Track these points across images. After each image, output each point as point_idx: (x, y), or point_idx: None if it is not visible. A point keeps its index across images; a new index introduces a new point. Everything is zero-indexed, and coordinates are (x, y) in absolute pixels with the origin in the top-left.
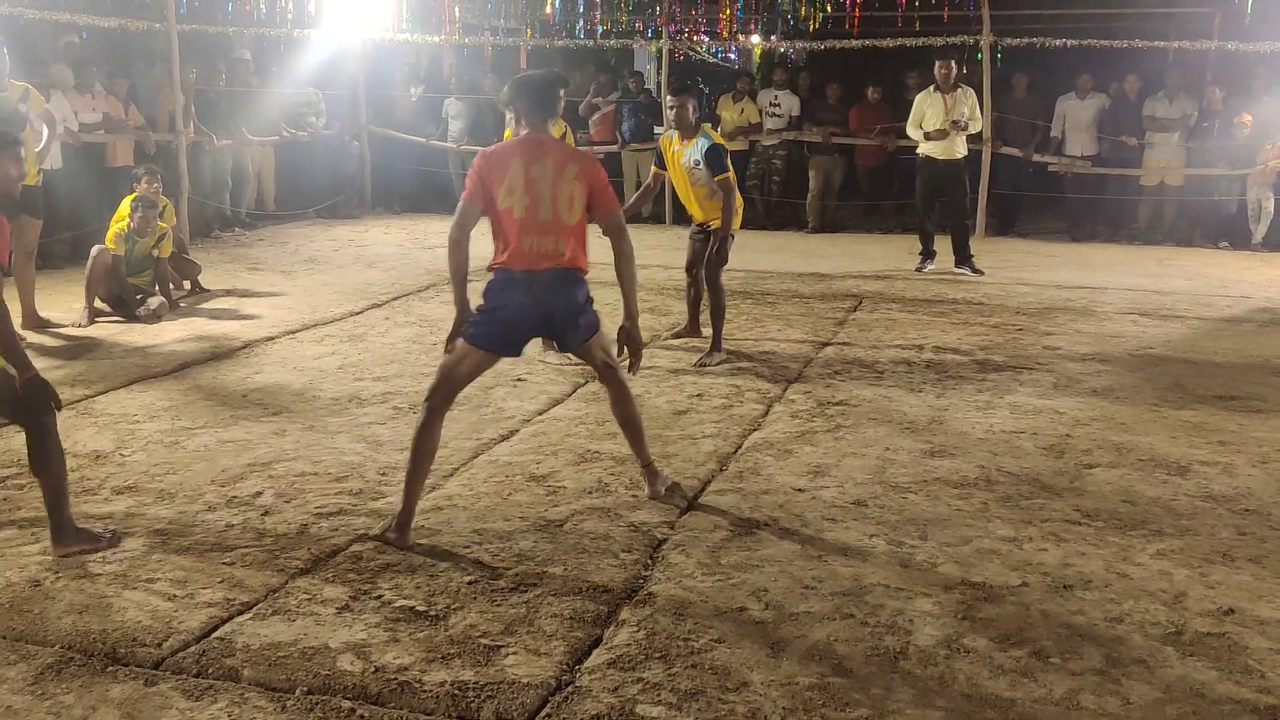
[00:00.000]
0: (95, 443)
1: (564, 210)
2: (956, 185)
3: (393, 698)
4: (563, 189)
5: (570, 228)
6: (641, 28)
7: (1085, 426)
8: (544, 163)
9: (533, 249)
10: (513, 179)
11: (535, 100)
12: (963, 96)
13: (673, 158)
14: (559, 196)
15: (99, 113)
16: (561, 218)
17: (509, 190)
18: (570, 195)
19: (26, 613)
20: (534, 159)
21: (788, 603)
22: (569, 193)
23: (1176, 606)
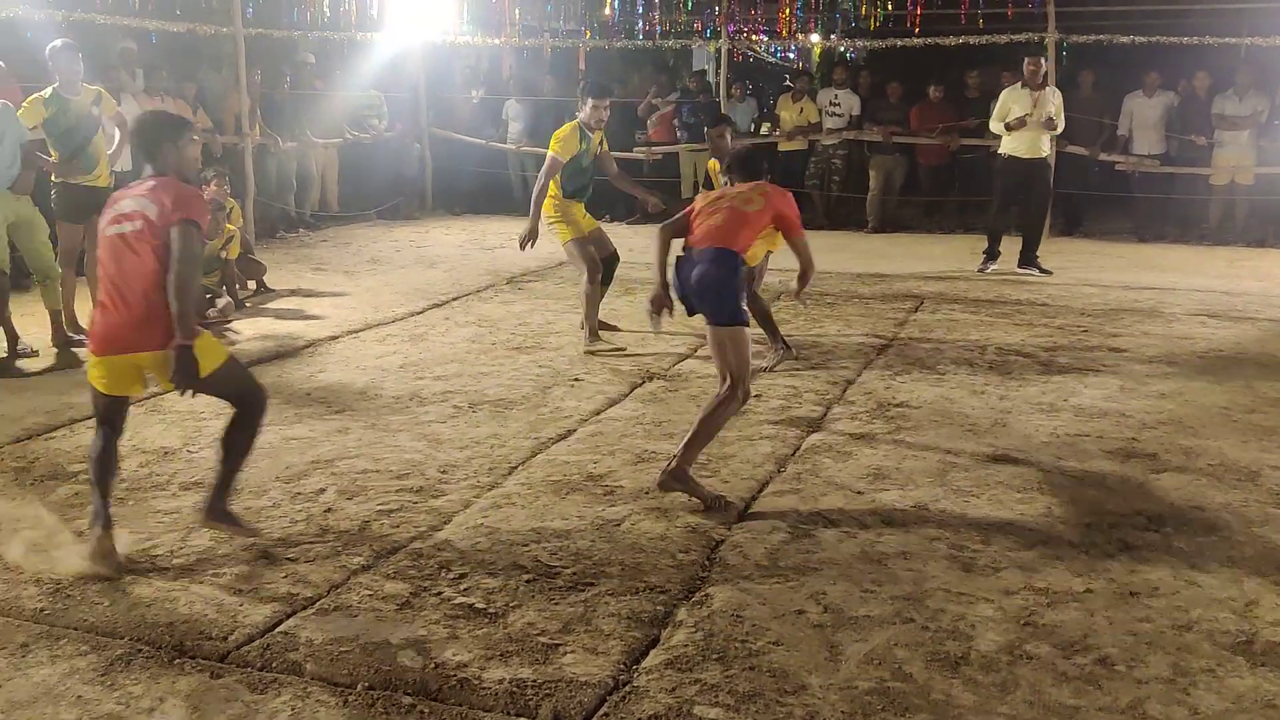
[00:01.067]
0: (163, 439)
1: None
2: (1040, 185)
3: (452, 694)
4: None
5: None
6: (700, 28)
7: (1153, 430)
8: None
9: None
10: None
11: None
12: (1050, 95)
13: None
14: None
15: None
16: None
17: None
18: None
19: (97, 605)
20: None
21: (847, 606)
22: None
23: (1247, 615)
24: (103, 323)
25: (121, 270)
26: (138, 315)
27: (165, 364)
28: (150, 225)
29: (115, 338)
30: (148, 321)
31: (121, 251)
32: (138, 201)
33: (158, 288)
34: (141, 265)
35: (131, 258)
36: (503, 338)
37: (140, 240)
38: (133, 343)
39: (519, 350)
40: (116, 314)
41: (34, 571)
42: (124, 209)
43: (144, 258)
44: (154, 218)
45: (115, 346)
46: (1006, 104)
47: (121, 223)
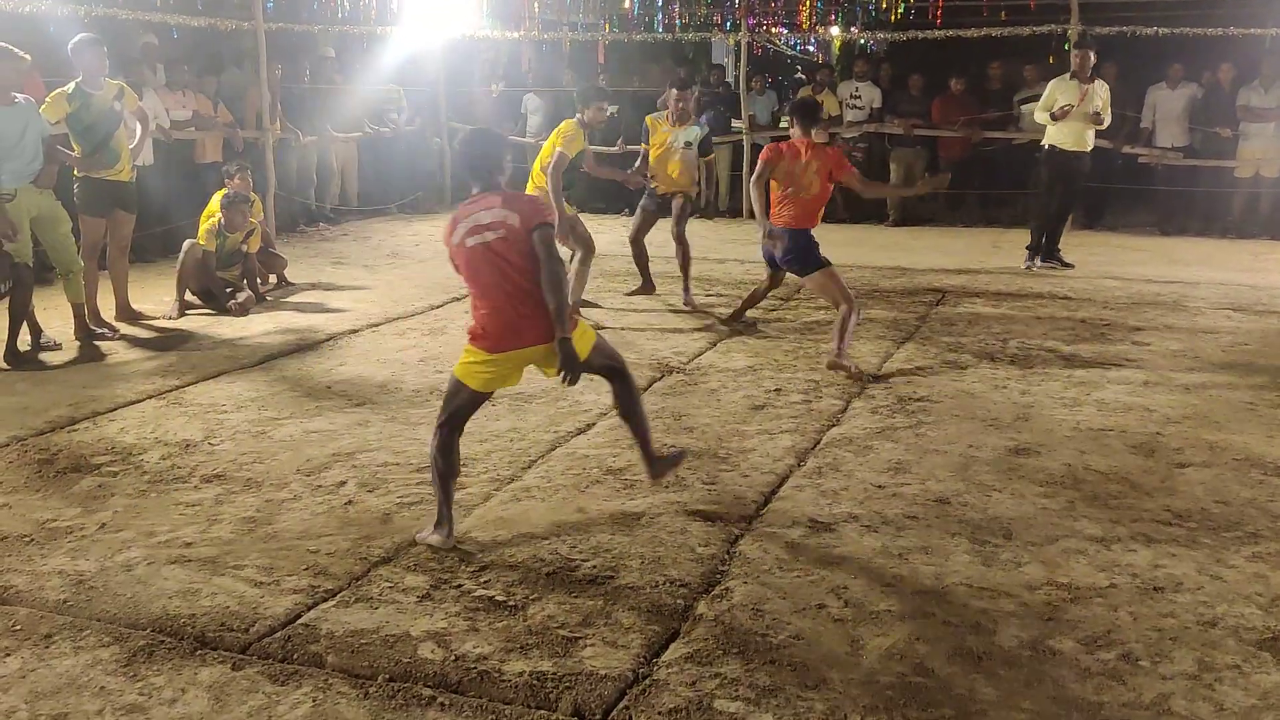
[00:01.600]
0: (185, 432)
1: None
2: (1079, 178)
3: (472, 686)
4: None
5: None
6: (720, 20)
7: (1177, 424)
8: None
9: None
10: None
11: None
12: (1099, 88)
13: (660, 137)
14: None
15: (189, 110)
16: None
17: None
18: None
19: (120, 596)
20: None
21: (867, 601)
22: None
23: (1273, 610)
24: (496, 323)
25: (497, 276)
26: (526, 311)
27: (552, 355)
28: (513, 231)
29: (513, 334)
30: (536, 316)
31: (491, 259)
32: (495, 213)
33: (536, 285)
34: (513, 268)
35: (502, 263)
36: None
37: (507, 246)
38: (529, 337)
39: None
40: (509, 313)
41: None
42: (482, 220)
43: (514, 260)
44: (517, 225)
45: (511, 343)
46: (1054, 94)
47: (483, 233)
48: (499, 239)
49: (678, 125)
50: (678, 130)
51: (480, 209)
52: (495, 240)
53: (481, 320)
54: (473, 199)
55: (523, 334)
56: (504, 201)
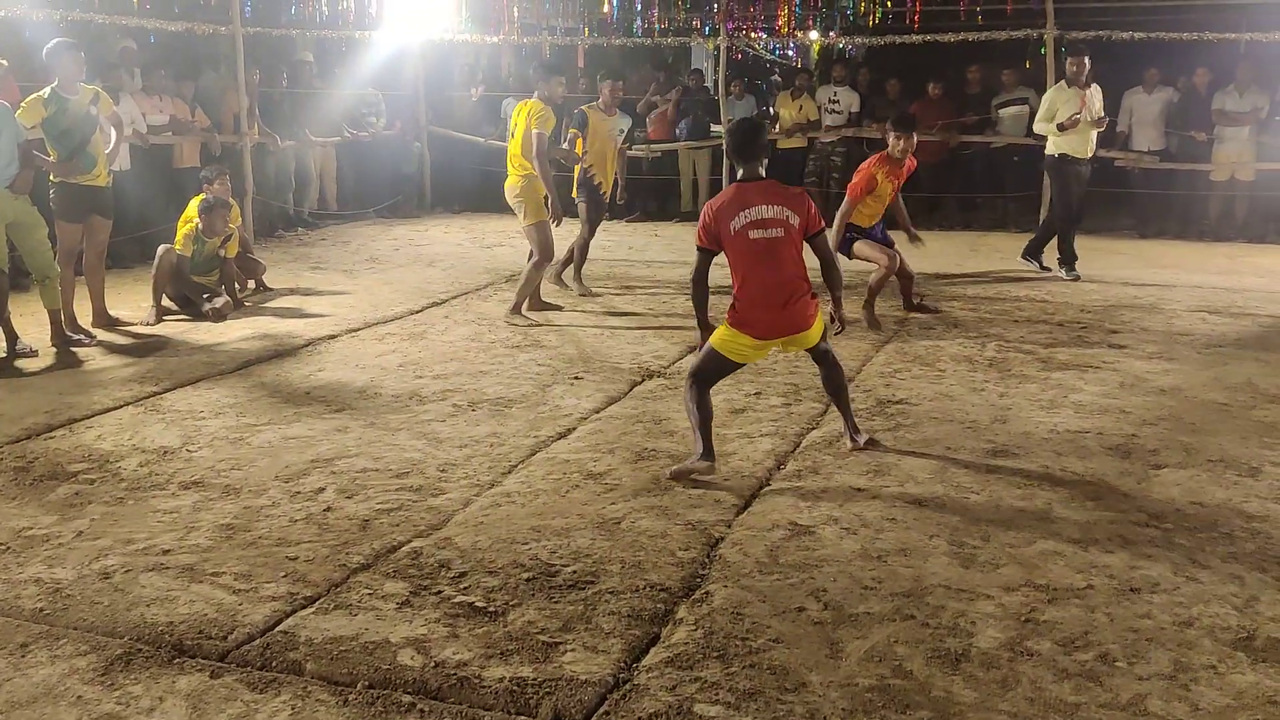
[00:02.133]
0: (162, 439)
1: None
2: (1084, 185)
3: (452, 693)
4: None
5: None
6: (699, 25)
7: (1153, 426)
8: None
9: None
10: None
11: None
12: (1095, 93)
13: (596, 125)
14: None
15: (166, 115)
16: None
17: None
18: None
19: (97, 605)
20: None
21: (847, 603)
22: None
23: (1248, 611)
24: (766, 313)
25: (773, 268)
26: (791, 301)
27: (810, 337)
28: (792, 231)
29: (783, 322)
30: (798, 305)
31: (772, 253)
32: (777, 211)
33: (802, 279)
34: (790, 261)
35: (780, 258)
36: (502, 336)
37: (786, 244)
38: (796, 324)
39: (518, 348)
40: (777, 301)
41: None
42: (765, 216)
43: (791, 255)
44: (797, 226)
45: (777, 331)
46: (1054, 104)
47: (767, 229)
48: (779, 238)
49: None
50: (611, 118)
51: (761, 202)
52: (778, 238)
53: (747, 307)
54: (745, 185)
55: (792, 322)
56: (784, 200)
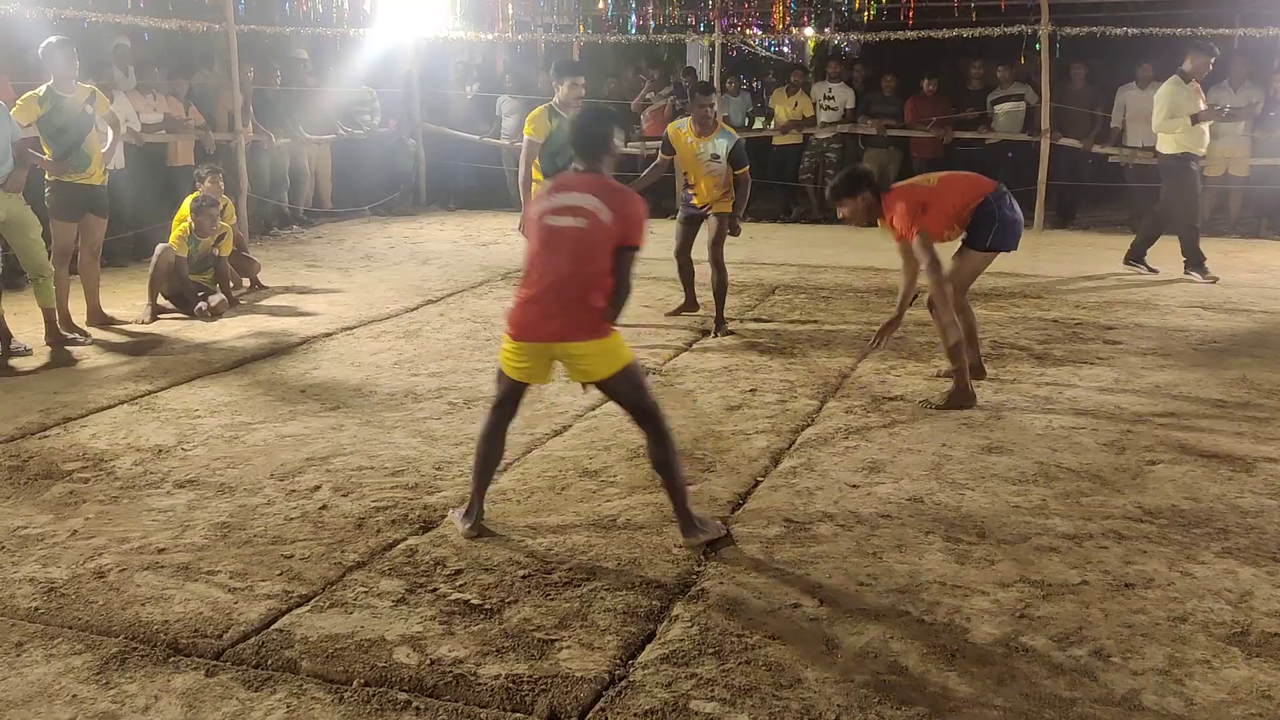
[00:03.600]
0: (158, 437)
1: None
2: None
3: (448, 690)
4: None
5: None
6: (694, 22)
7: (1147, 422)
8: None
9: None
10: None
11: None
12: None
13: (685, 147)
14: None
15: (160, 113)
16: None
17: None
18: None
19: (92, 604)
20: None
21: (842, 600)
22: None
23: (1242, 606)
24: (532, 310)
25: (559, 262)
26: (564, 308)
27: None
28: (600, 229)
29: (543, 325)
30: (572, 314)
31: (562, 244)
32: (589, 201)
33: (588, 287)
34: (579, 261)
35: (570, 253)
36: (497, 334)
37: (584, 238)
38: (553, 331)
39: None
40: (548, 302)
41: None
42: (572, 203)
43: (584, 255)
44: (608, 224)
45: (534, 334)
46: (1177, 100)
47: (567, 216)
48: (581, 230)
49: (701, 137)
50: (702, 142)
51: (576, 190)
52: (580, 229)
53: (518, 302)
54: (574, 175)
55: (562, 330)
56: (607, 196)
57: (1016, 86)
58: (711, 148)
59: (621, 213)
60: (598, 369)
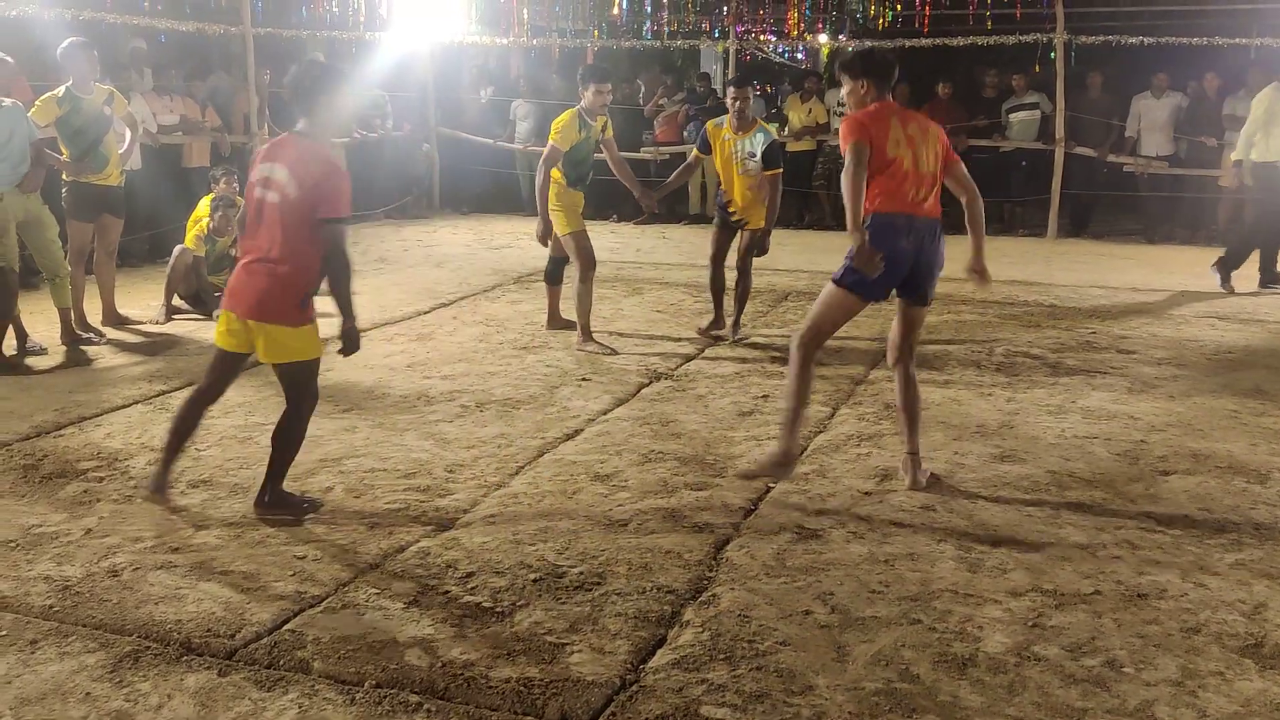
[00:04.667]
0: None
1: (934, 166)
2: None
3: (459, 693)
4: (929, 148)
5: (937, 182)
6: (708, 28)
7: (1161, 432)
8: (910, 125)
9: (914, 199)
10: (897, 135)
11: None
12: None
13: (722, 145)
14: (930, 154)
15: (176, 115)
16: (934, 172)
17: (895, 143)
18: (935, 153)
19: (105, 602)
20: (904, 121)
21: (854, 607)
22: (933, 151)
23: (1256, 618)
24: (238, 280)
25: (259, 233)
26: (259, 282)
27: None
28: (289, 204)
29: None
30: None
31: (263, 215)
32: (282, 175)
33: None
34: (273, 235)
35: (269, 224)
36: (510, 337)
37: (276, 212)
38: (248, 308)
39: (526, 350)
40: (245, 275)
41: None
42: (273, 176)
43: (277, 228)
44: (293, 198)
45: (235, 303)
46: (1272, 108)
47: (267, 190)
48: (272, 204)
49: (739, 133)
50: (740, 139)
51: (280, 161)
52: (271, 203)
53: (234, 273)
54: (289, 139)
55: (250, 302)
56: (295, 165)
57: (1032, 95)
58: (749, 145)
59: (310, 184)
60: (274, 354)
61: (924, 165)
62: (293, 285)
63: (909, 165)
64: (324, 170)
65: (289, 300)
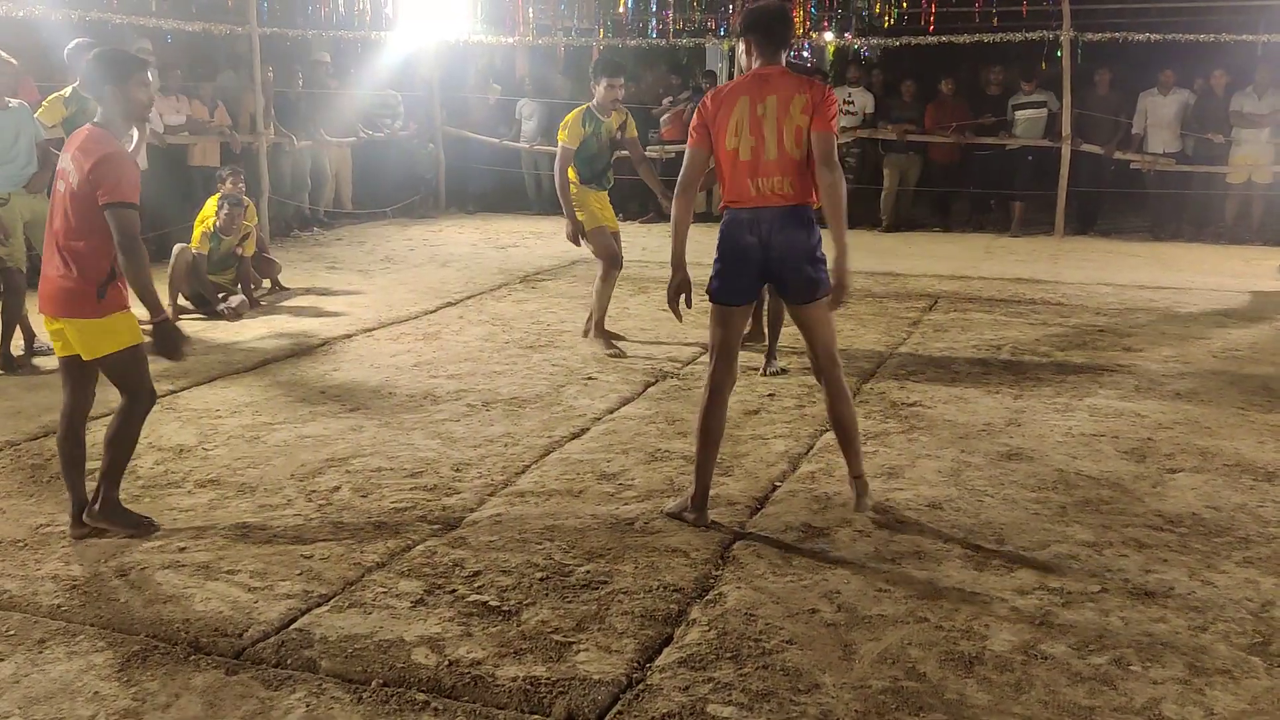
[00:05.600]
0: (179, 437)
1: (790, 146)
2: None
3: (466, 691)
4: (788, 125)
5: (798, 164)
6: (714, 26)
7: (1168, 430)
8: (768, 100)
9: (759, 189)
10: (739, 119)
11: (766, 31)
12: None
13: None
14: (784, 133)
15: (183, 115)
16: (789, 154)
17: (734, 131)
18: (796, 129)
19: (114, 601)
20: (759, 96)
21: (860, 605)
22: (795, 126)
23: (1263, 616)
24: (41, 281)
25: (51, 227)
26: (55, 276)
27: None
28: (71, 190)
29: (45, 297)
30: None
31: (54, 207)
32: (70, 159)
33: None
34: (62, 225)
35: (58, 215)
36: (516, 336)
37: (63, 200)
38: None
39: (532, 349)
40: (48, 272)
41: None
42: (62, 164)
43: (66, 217)
44: (75, 185)
45: (42, 302)
46: None
47: (58, 179)
48: (58, 193)
49: None
50: None
51: (68, 152)
52: (58, 192)
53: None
54: (82, 128)
55: (46, 298)
56: (80, 152)
57: (1039, 94)
58: None
59: (90, 170)
60: (85, 349)
61: (768, 153)
62: (85, 276)
63: (747, 155)
64: (104, 155)
65: (85, 291)
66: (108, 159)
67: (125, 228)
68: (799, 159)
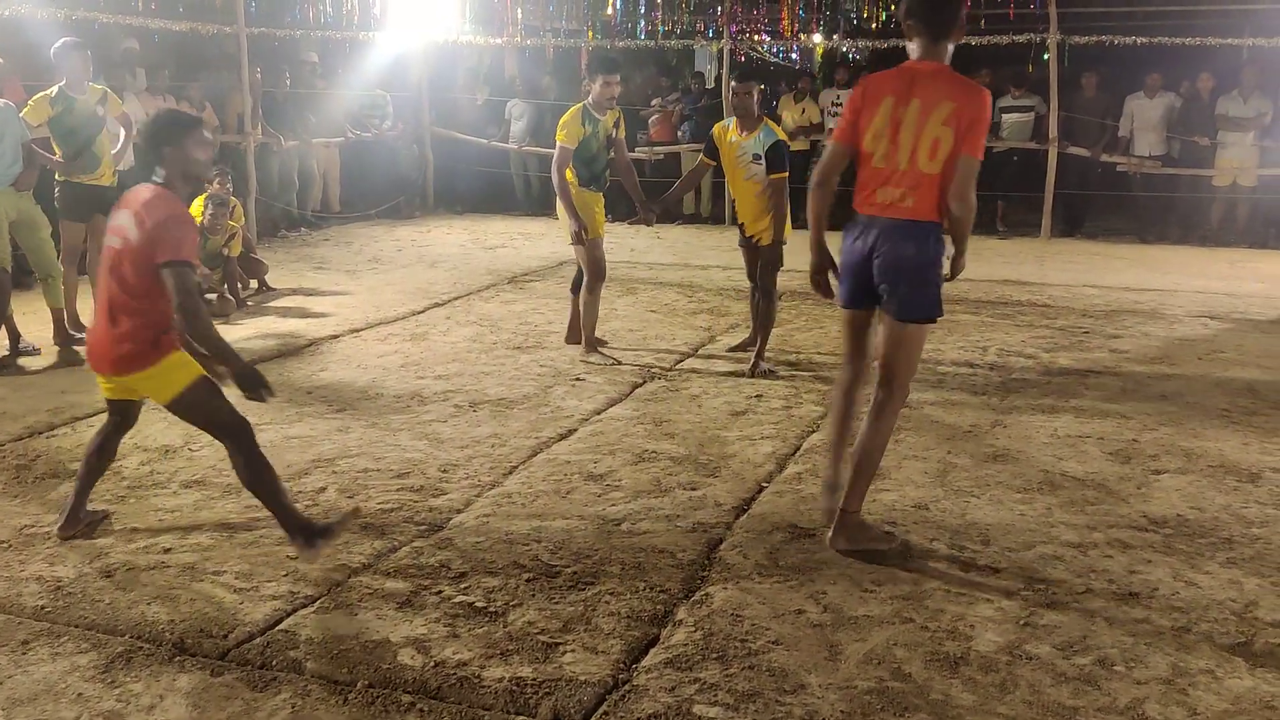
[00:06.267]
0: (165, 438)
1: (924, 161)
2: None
3: (452, 693)
4: (926, 136)
5: (929, 179)
6: (703, 28)
7: (1153, 431)
8: (912, 104)
9: (880, 199)
10: (880, 124)
11: (926, 17)
12: None
13: (728, 148)
14: (920, 145)
15: None
16: (920, 169)
17: (875, 135)
18: (934, 140)
19: (98, 603)
20: (904, 99)
21: (846, 606)
22: (933, 138)
23: (1247, 616)
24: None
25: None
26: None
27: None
28: (129, 248)
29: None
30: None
31: (107, 266)
32: (124, 218)
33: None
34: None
35: (113, 275)
36: (504, 337)
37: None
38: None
39: (520, 350)
40: (101, 331)
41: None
42: (116, 222)
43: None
44: (134, 242)
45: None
46: None
47: (111, 235)
48: (113, 249)
49: (745, 134)
50: (744, 140)
51: (122, 207)
52: (113, 249)
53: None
54: (135, 189)
55: (99, 357)
56: (139, 210)
57: (1027, 97)
58: (753, 146)
59: (148, 229)
60: (158, 395)
61: (900, 163)
62: (137, 334)
63: (881, 163)
64: (170, 215)
65: (140, 346)
66: (174, 219)
67: (184, 286)
68: (933, 174)
